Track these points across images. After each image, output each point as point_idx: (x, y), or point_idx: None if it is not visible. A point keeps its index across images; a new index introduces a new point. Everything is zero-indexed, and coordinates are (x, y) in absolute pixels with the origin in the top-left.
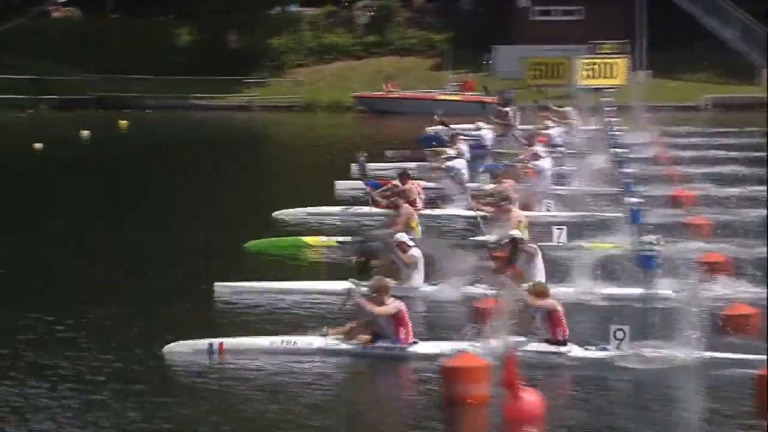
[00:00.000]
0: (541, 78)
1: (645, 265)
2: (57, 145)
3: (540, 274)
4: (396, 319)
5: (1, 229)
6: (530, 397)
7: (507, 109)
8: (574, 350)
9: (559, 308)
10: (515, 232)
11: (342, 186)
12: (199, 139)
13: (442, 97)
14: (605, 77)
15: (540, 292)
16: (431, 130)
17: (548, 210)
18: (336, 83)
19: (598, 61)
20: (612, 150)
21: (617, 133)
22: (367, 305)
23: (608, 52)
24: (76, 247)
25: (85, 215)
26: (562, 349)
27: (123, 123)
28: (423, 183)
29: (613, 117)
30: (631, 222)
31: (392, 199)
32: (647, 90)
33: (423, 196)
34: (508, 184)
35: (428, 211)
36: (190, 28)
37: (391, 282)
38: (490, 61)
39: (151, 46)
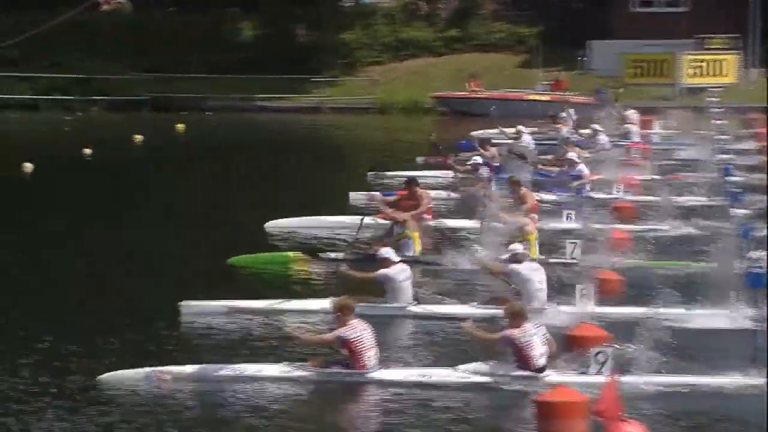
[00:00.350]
0: (642, 76)
1: (754, 283)
2: (107, 149)
3: (538, 293)
4: (346, 346)
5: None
6: (634, 431)
7: (563, 114)
8: (552, 376)
9: (526, 339)
10: (517, 246)
11: (357, 197)
12: (259, 144)
13: (532, 97)
14: (714, 75)
15: (515, 314)
16: (486, 134)
17: (569, 221)
18: (414, 82)
19: (706, 57)
20: (718, 156)
21: (724, 137)
22: (298, 334)
23: (718, 47)
24: (66, 251)
25: (106, 221)
26: (539, 374)
27: (180, 126)
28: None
29: (719, 119)
30: (741, 237)
31: (389, 210)
32: (759, 90)
33: (431, 206)
34: (522, 193)
35: (437, 223)
36: (254, 21)
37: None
38: (585, 58)
39: (211, 42)
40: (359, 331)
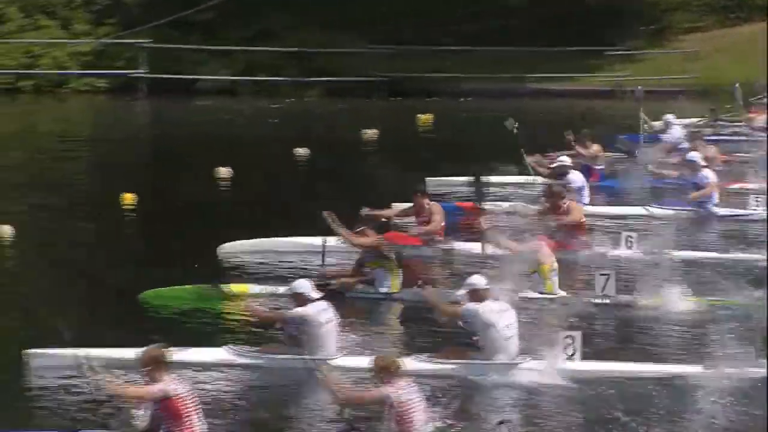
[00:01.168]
0: None
1: None
2: (328, 148)
3: (504, 342)
4: (166, 409)
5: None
6: None
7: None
8: None
9: (405, 399)
10: (477, 280)
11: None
12: (530, 140)
13: None
14: None
15: (384, 368)
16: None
17: (629, 246)
18: (748, 55)
19: None
20: None
21: None
22: (109, 386)
23: None
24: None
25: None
26: None
27: (424, 118)
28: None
29: None
30: None
31: (360, 228)
32: None
33: (442, 223)
34: (566, 207)
35: (453, 246)
36: None
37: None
38: None
39: (467, 5)
40: (174, 390)
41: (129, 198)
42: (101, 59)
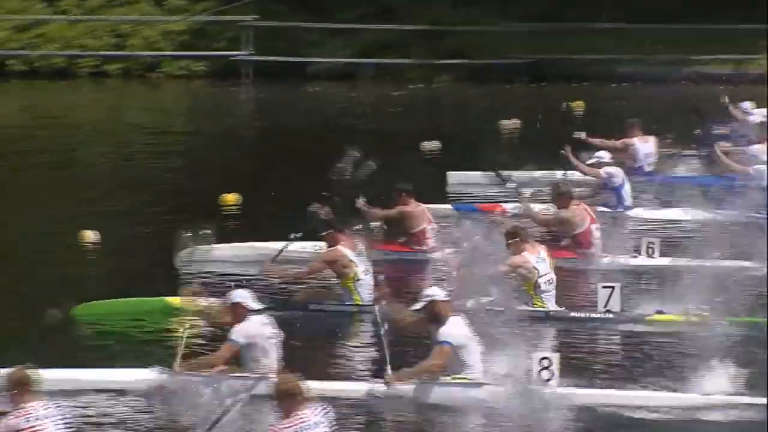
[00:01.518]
0: None
1: None
2: (462, 142)
3: (476, 361)
4: None
5: None
6: None
7: None
8: None
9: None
10: (434, 291)
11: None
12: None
13: None
14: None
15: (288, 393)
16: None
17: (650, 254)
18: None
19: None
20: None
21: None
22: None
23: None
24: None
25: None
26: None
27: (577, 104)
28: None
29: None
30: None
31: (327, 234)
32: None
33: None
34: (575, 208)
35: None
36: None
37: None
38: None
39: None
40: (39, 417)
41: (231, 199)
42: (199, 39)
